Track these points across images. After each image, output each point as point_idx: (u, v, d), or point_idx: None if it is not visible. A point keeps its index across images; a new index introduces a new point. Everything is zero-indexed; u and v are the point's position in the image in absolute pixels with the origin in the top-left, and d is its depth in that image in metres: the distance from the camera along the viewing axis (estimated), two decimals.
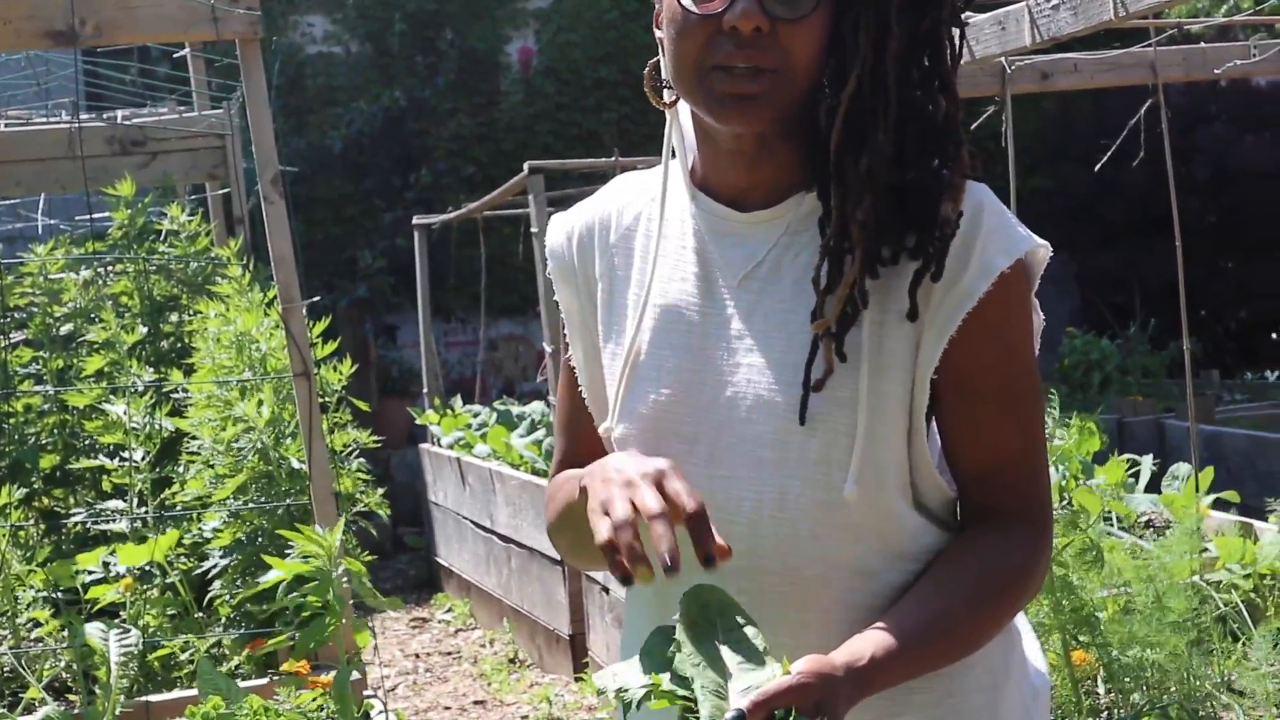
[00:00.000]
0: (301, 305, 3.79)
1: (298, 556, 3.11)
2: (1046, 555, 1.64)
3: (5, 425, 5.33)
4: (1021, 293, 1.59)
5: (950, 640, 1.55)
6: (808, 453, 1.57)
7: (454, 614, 8.20)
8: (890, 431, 1.57)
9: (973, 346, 1.56)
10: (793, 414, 1.57)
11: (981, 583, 1.57)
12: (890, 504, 1.59)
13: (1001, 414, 1.60)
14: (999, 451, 1.60)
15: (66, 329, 5.46)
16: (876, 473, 1.57)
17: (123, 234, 5.66)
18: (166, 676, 4.01)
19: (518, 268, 10.78)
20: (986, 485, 1.61)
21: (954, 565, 1.58)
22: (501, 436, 7.91)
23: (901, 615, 1.53)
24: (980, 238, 1.55)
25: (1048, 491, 1.65)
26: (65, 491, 5.20)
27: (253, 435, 4.23)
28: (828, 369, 1.56)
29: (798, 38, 1.51)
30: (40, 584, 4.34)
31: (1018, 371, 1.60)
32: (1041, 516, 1.62)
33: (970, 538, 1.61)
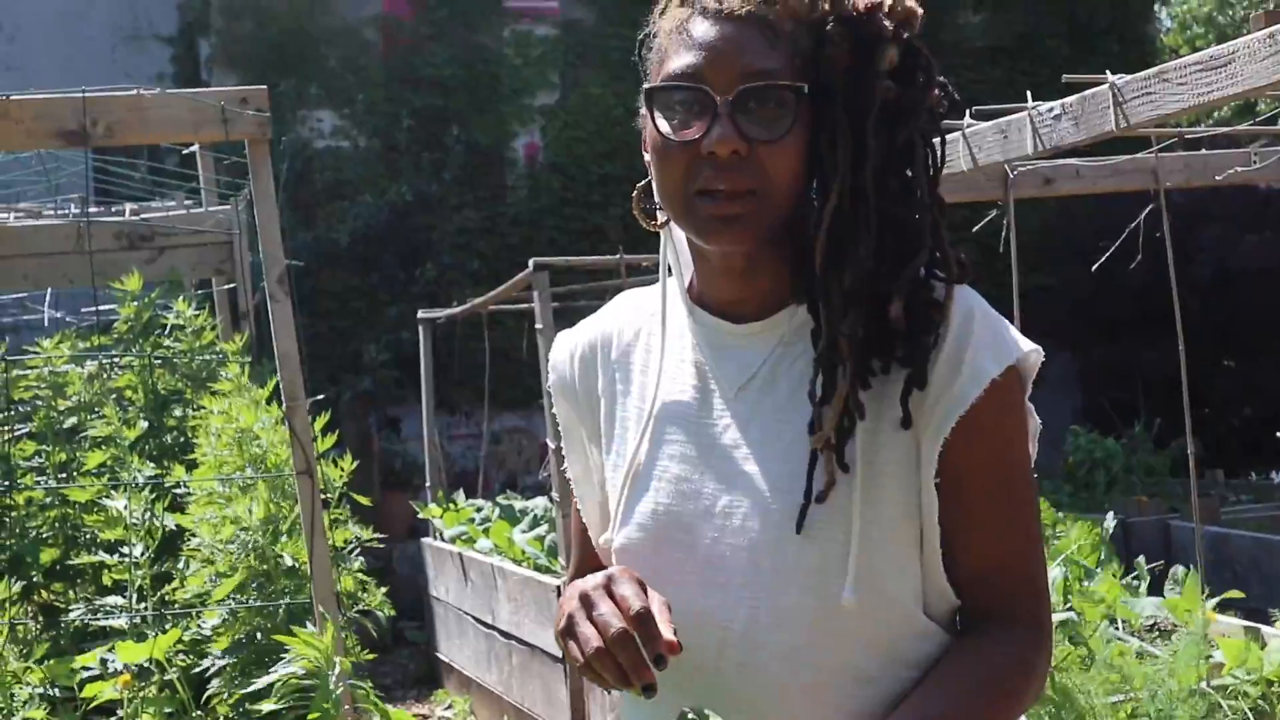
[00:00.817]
0: (305, 403, 3.80)
1: (294, 659, 3.09)
2: (1047, 655, 1.64)
3: (7, 519, 5.32)
4: (1014, 398, 1.60)
5: None
6: (804, 561, 1.58)
7: (454, 711, 8.13)
8: (890, 538, 1.57)
9: (966, 451, 1.57)
10: (789, 523, 1.58)
11: (982, 684, 1.56)
12: (889, 612, 1.58)
13: (996, 517, 1.60)
14: (995, 554, 1.61)
15: (70, 422, 5.46)
16: (875, 580, 1.57)
17: (128, 328, 5.68)
18: None
19: (522, 362, 10.79)
20: (983, 587, 1.61)
21: (953, 668, 1.58)
22: (504, 532, 7.89)
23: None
24: (972, 344, 1.56)
25: (1046, 591, 1.65)
26: (65, 586, 5.17)
27: (247, 535, 4.22)
28: (829, 480, 1.56)
29: (776, 158, 1.55)
30: (37, 681, 4.31)
31: (1012, 475, 1.61)
32: (1040, 617, 1.62)
33: (970, 640, 1.61)
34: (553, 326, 6.82)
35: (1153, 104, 3.33)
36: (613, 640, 1.43)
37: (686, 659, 1.49)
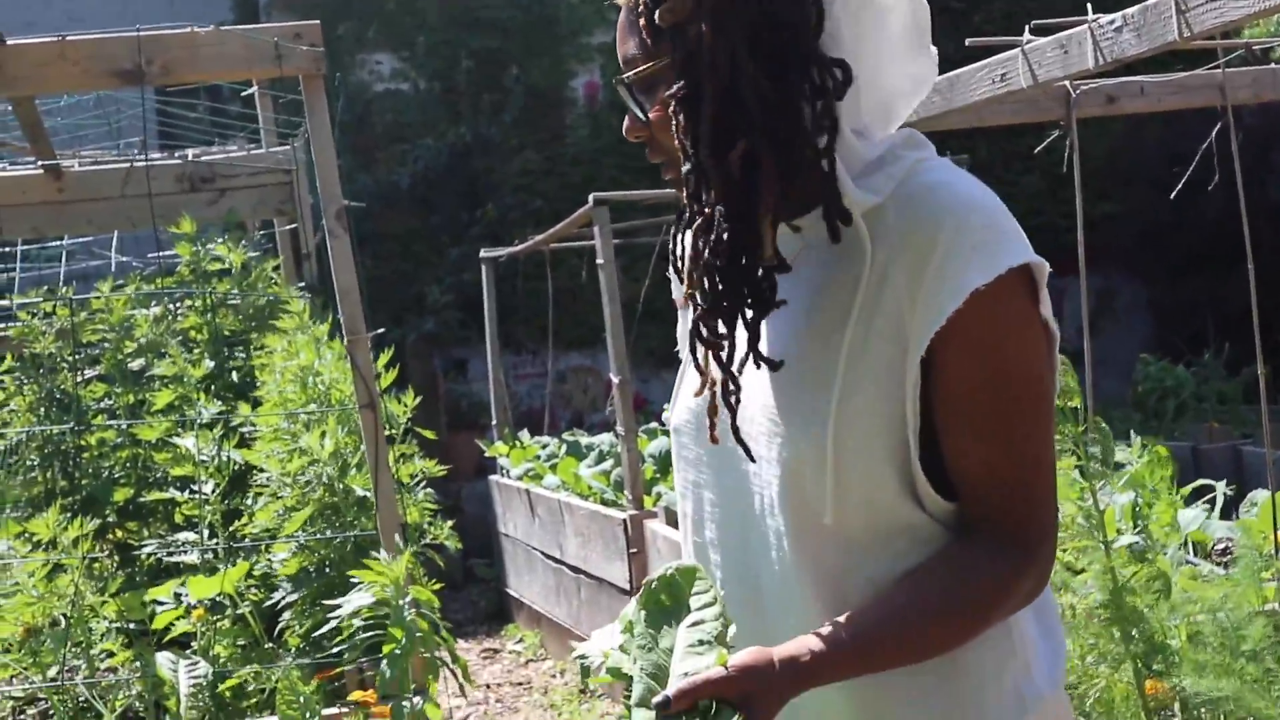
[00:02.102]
0: (366, 337, 3.81)
1: (365, 588, 3.12)
2: (1031, 576, 1.63)
3: (79, 459, 5.40)
4: (1007, 308, 1.59)
5: (900, 644, 1.59)
6: (789, 466, 1.64)
7: (525, 645, 8.20)
8: (871, 451, 1.60)
9: (951, 363, 1.58)
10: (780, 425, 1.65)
11: (946, 593, 1.59)
12: (876, 522, 1.63)
13: (987, 430, 1.60)
14: (989, 469, 1.61)
15: (137, 364, 5.52)
16: (856, 494, 1.61)
17: (191, 270, 5.73)
18: (237, 706, 4.03)
19: (585, 300, 10.80)
20: (973, 498, 1.62)
21: (924, 573, 1.61)
22: (570, 468, 7.93)
23: (858, 616, 1.58)
24: (954, 253, 1.56)
25: (1044, 512, 1.64)
26: (138, 524, 5.25)
27: (317, 467, 4.26)
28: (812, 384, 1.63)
29: (663, 130, 1.67)
30: (113, 615, 4.38)
31: (1005, 387, 1.60)
32: (1030, 536, 1.62)
33: (949, 548, 1.63)
34: (614, 262, 6.81)
35: (1217, 11, 3.25)
36: None
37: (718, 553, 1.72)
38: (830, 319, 1.63)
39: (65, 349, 5.58)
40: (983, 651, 1.64)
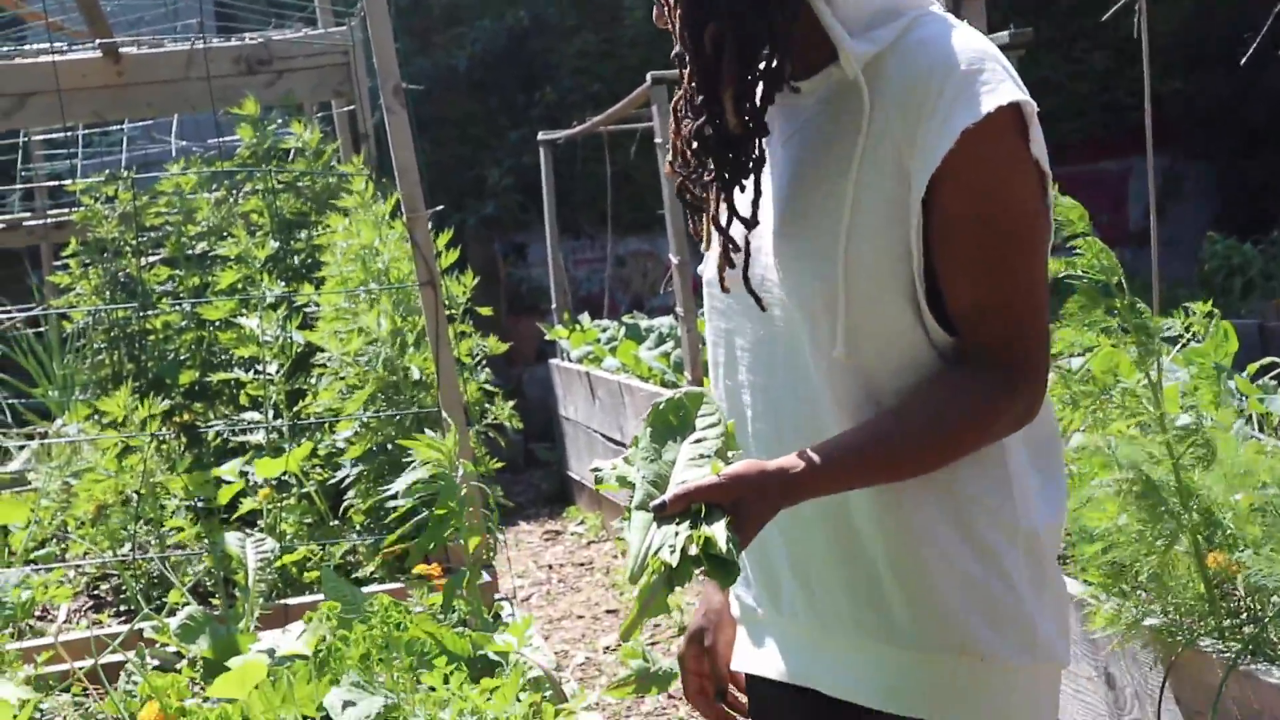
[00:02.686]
0: (425, 214, 3.82)
1: (418, 463, 3.15)
2: (1017, 403, 1.74)
3: (145, 342, 5.47)
4: (997, 147, 1.69)
5: (888, 458, 1.71)
6: (802, 299, 1.77)
7: (586, 526, 8.28)
8: (877, 285, 1.73)
9: (946, 199, 1.69)
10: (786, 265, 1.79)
11: (933, 412, 1.72)
12: (884, 353, 1.75)
13: (978, 262, 1.71)
14: (976, 298, 1.72)
15: (200, 247, 5.56)
16: (864, 327, 1.74)
17: (251, 153, 5.74)
18: (303, 581, 4.11)
19: (644, 183, 10.74)
20: (967, 327, 1.74)
21: (914, 394, 1.75)
22: (630, 350, 7.94)
23: (850, 433, 1.72)
24: (949, 99, 1.67)
25: (1033, 344, 1.75)
26: (204, 406, 5.32)
27: (376, 347, 4.29)
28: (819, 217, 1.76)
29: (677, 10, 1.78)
30: (181, 494, 4.46)
31: (995, 222, 1.70)
32: (1018, 364, 1.73)
33: (941, 373, 1.76)
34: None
35: None
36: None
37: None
38: (835, 169, 1.74)
39: (128, 233, 5.62)
40: (974, 477, 1.77)
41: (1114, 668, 3.14)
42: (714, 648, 2.09)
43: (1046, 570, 1.83)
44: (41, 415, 6.40)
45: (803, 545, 1.85)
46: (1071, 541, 3.46)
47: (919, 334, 1.75)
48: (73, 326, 5.84)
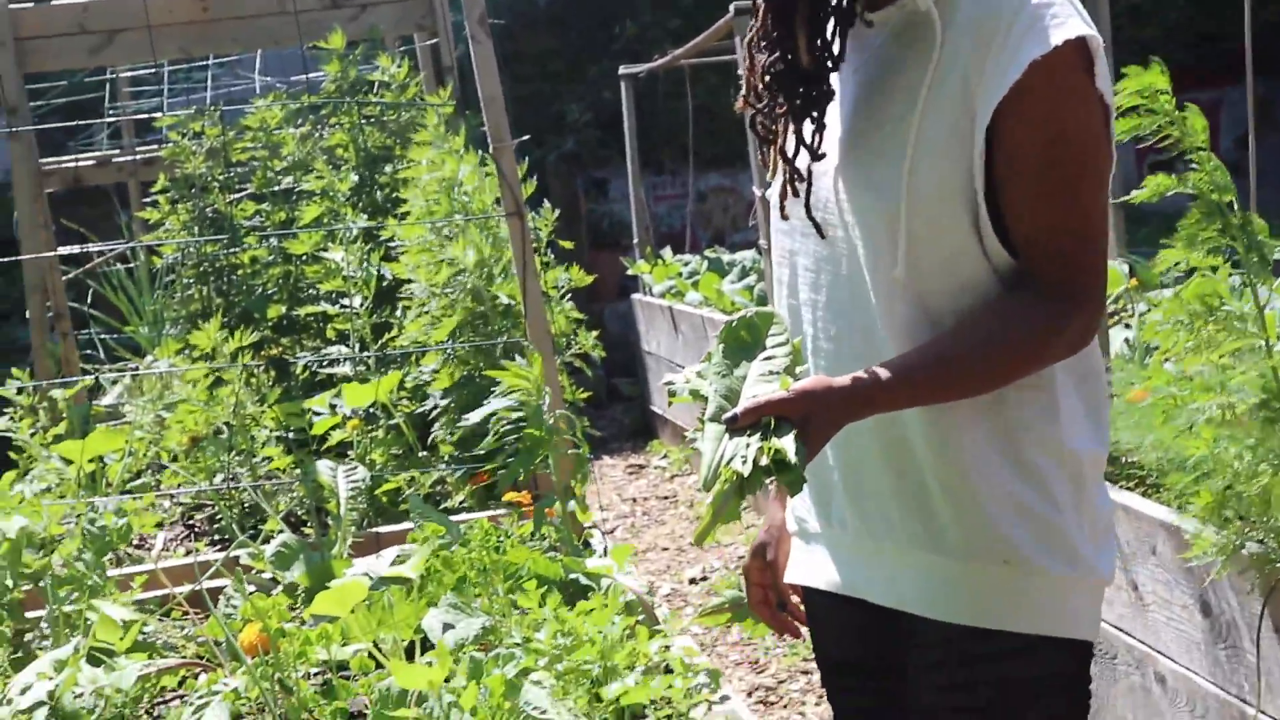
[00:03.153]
0: (511, 145, 3.81)
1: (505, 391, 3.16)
2: (1072, 329, 1.82)
3: (233, 277, 5.52)
4: (1063, 80, 1.75)
5: (945, 378, 1.79)
6: (866, 221, 1.85)
7: (670, 460, 8.30)
8: (940, 211, 1.79)
9: (1011, 130, 1.75)
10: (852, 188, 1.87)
11: (991, 335, 1.79)
12: (942, 276, 1.82)
13: (1046, 193, 1.78)
14: (1042, 229, 1.79)
15: (286, 182, 5.59)
16: (925, 250, 1.80)
17: (336, 87, 5.75)
18: (393, 510, 4.15)
19: (726, 118, 10.66)
20: (1030, 257, 1.80)
21: (973, 317, 1.82)
22: (713, 283, 7.92)
23: (913, 353, 1.80)
24: (1016, 31, 1.74)
25: (1090, 273, 1.82)
26: (291, 340, 5.37)
27: (463, 277, 4.30)
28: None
29: None
30: (272, 425, 4.51)
31: (1059, 152, 1.77)
32: (1074, 292, 1.80)
33: (1000, 297, 1.83)
34: None
35: None
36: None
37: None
38: (903, 97, 1.81)
39: (215, 168, 5.66)
40: (1022, 401, 1.84)
41: (1210, 596, 3.11)
42: (775, 561, 2.23)
43: (1087, 490, 1.90)
44: (132, 351, 6.49)
45: (855, 458, 1.94)
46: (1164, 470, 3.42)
47: (979, 258, 1.82)
48: (162, 262, 5.90)
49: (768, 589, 2.25)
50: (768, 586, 2.25)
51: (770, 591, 2.25)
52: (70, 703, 2.46)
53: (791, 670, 4.90)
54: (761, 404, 1.72)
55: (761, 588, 2.26)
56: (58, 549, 3.08)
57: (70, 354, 5.58)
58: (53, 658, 2.59)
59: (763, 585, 2.25)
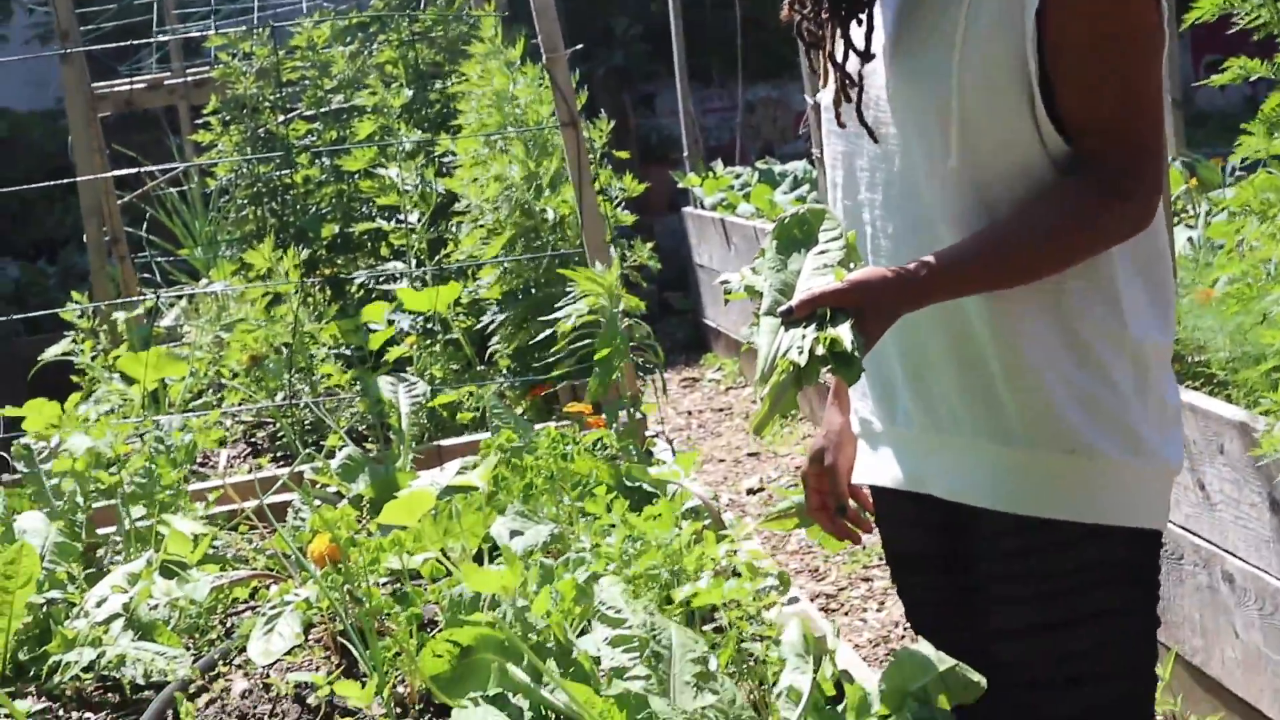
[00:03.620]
0: (564, 55, 3.77)
1: (576, 298, 3.15)
2: (1130, 210, 1.81)
3: (287, 197, 5.53)
4: None
5: (1002, 265, 1.79)
6: (918, 120, 1.85)
7: (723, 373, 8.29)
8: (992, 101, 1.79)
9: (1059, 18, 1.74)
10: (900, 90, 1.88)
11: (1047, 219, 1.79)
12: (997, 165, 1.81)
13: (1098, 76, 1.77)
14: (1095, 110, 1.78)
15: (336, 101, 5.58)
16: (978, 140, 1.80)
17: (384, 4, 5.73)
18: (453, 424, 4.16)
19: (773, 29, 10.54)
20: (1085, 141, 1.80)
21: (1029, 203, 1.81)
22: (765, 194, 7.87)
23: (967, 240, 1.80)
24: None
25: (1146, 151, 1.81)
26: (345, 259, 5.38)
27: (515, 191, 4.29)
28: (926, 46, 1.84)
29: None
30: (330, 342, 4.53)
31: (1119, 38, 1.76)
32: (1129, 175, 1.79)
33: (1055, 181, 1.81)
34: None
35: None
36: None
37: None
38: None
39: (266, 88, 5.65)
40: (1083, 289, 1.84)
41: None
42: (834, 466, 2.24)
43: (1152, 379, 1.89)
44: (188, 275, 6.52)
45: (918, 353, 1.94)
46: (1234, 367, 3.38)
47: (1034, 143, 1.81)
48: (215, 184, 5.91)
49: (825, 495, 2.27)
50: (825, 492, 2.26)
51: (828, 497, 2.26)
52: (146, 614, 2.49)
53: (852, 578, 4.91)
54: (817, 295, 1.71)
55: (819, 494, 2.27)
56: (126, 466, 3.11)
57: (128, 277, 5.62)
58: (126, 571, 2.63)
59: (820, 491, 2.27)
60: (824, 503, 2.27)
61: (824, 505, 2.27)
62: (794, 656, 1.93)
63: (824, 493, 2.27)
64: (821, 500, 2.27)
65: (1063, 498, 1.88)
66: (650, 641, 1.81)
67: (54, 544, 2.74)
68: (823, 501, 2.27)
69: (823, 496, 2.27)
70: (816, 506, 2.29)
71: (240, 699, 2.27)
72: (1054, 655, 1.93)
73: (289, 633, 2.32)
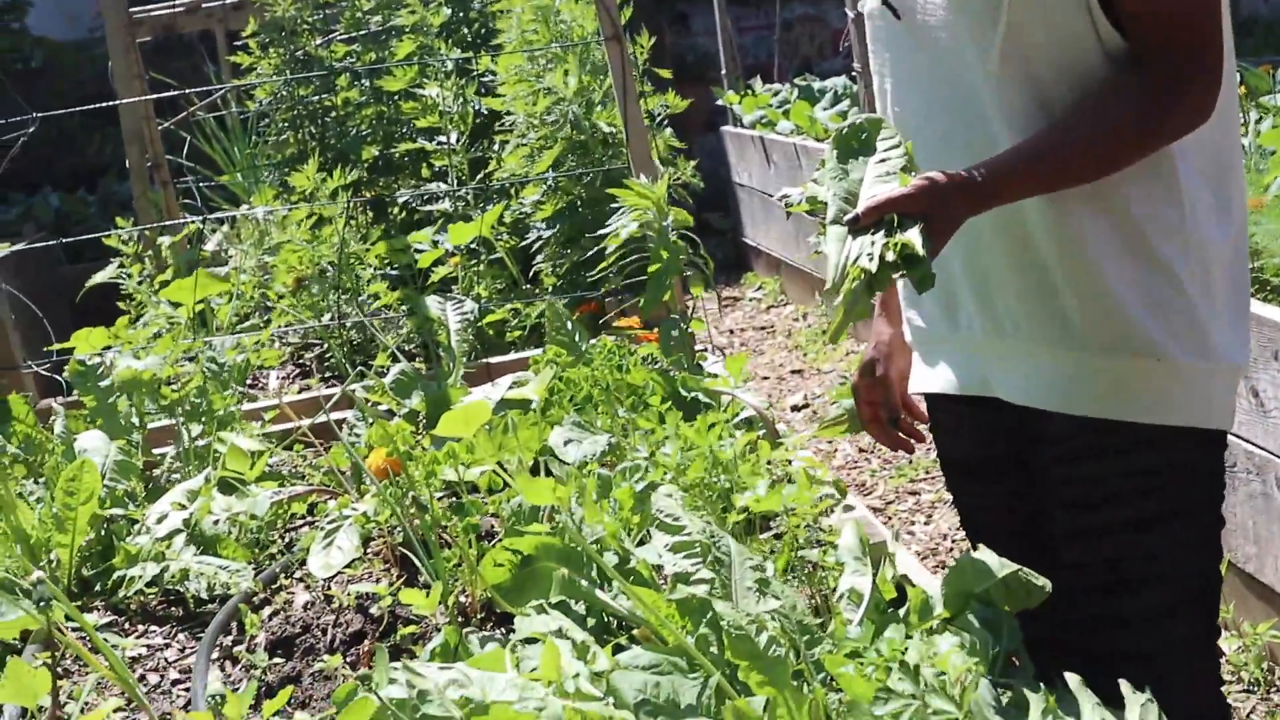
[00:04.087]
0: None
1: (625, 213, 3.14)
2: (1190, 100, 1.78)
3: (327, 120, 5.51)
4: None
5: (1064, 165, 1.77)
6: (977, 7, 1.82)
7: (764, 292, 8.28)
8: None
9: None
10: None
11: (1106, 114, 1.75)
12: (1049, 60, 1.79)
13: None
14: (1149, 2, 1.75)
15: (375, 21, 5.54)
16: (1037, 32, 1.77)
17: None
18: (500, 342, 4.17)
19: None
20: (1139, 28, 1.76)
21: (1087, 99, 1.78)
22: (804, 111, 7.81)
23: (1028, 141, 1.78)
24: None
25: (1204, 40, 1.78)
26: (386, 181, 5.37)
27: (563, 106, 4.26)
28: None
29: None
30: (375, 263, 4.53)
31: None
32: (1190, 62, 1.76)
33: (1111, 77, 1.78)
34: None
35: None
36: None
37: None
38: None
39: (304, 10, 5.61)
40: (1145, 192, 1.82)
41: None
42: (886, 376, 2.25)
43: (1219, 278, 1.87)
44: (229, 200, 6.53)
45: (980, 258, 1.93)
46: None
47: (1089, 38, 1.77)
48: (255, 108, 5.90)
49: (878, 406, 2.27)
50: (878, 404, 2.27)
51: (881, 408, 2.27)
52: (209, 528, 2.51)
53: (899, 492, 4.91)
54: (883, 201, 1.70)
55: (871, 405, 2.28)
56: (184, 386, 3.13)
57: (170, 203, 5.62)
58: (185, 488, 2.65)
59: (873, 403, 2.28)
60: (876, 414, 2.28)
61: (876, 417, 2.28)
62: (851, 560, 1.94)
63: (876, 404, 2.28)
64: (874, 412, 2.28)
65: (1128, 400, 1.87)
66: (711, 548, 1.82)
67: (114, 462, 2.77)
68: (875, 414, 2.28)
69: (875, 408, 2.28)
70: (869, 419, 2.29)
71: (303, 610, 2.30)
72: (1122, 557, 1.93)
73: (348, 546, 2.34)
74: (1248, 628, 3.56)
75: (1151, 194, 1.83)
